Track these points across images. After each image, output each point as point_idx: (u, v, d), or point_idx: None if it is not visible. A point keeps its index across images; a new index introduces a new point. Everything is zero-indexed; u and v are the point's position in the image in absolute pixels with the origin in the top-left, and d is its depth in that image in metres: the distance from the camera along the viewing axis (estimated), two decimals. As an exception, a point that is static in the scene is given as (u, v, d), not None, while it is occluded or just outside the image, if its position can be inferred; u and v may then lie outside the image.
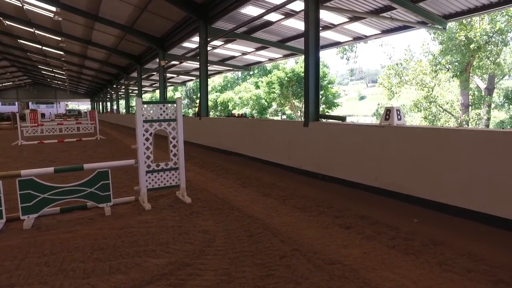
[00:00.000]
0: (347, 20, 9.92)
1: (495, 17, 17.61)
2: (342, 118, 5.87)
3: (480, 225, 3.50)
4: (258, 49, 14.42)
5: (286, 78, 27.37)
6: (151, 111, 4.45)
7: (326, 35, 11.42)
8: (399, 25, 9.87)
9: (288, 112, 31.87)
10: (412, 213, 3.96)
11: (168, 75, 23.49)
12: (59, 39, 18.74)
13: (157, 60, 15.99)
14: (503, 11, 17.35)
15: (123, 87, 28.57)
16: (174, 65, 19.54)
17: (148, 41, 15.11)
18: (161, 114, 4.51)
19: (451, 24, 19.18)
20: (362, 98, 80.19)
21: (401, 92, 22.66)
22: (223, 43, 13.64)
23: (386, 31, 10.70)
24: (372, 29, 10.67)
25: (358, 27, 10.59)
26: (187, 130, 11.86)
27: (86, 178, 3.99)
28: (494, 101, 20.19)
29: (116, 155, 9.03)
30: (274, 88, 28.22)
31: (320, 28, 10.62)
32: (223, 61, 17.60)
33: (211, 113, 37.72)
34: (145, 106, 4.43)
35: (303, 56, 7.49)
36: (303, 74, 27.28)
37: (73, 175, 5.57)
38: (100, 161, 4.92)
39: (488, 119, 20.34)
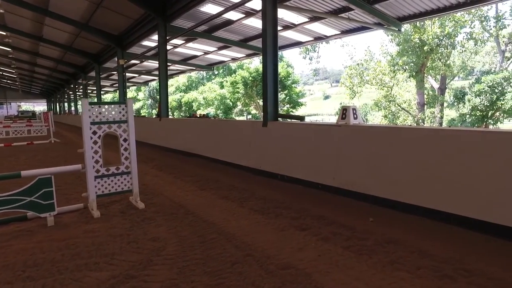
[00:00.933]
0: (307, 20, 10.01)
1: (444, 22, 18.64)
2: (301, 118, 5.87)
3: (432, 222, 3.59)
4: (220, 48, 14.23)
5: (251, 78, 27.39)
6: (99, 113, 4.17)
7: (287, 35, 11.48)
8: (357, 25, 10.10)
9: (254, 112, 31.93)
10: (369, 211, 4.00)
11: (129, 74, 22.66)
12: (4, 33, 17.40)
13: (116, 59, 15.32)
14: (450, 16, 18.40)
15: (81, 87, 27.20)
16: (134, 64, 18.86)
17: (106, 39, 14.43)
18: (110, 116, 4.25)
19: (406, 27, 20.07)
20: (326, 97, 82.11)
21: (363, 91, 23.40)
22: (184, 42, 13.32)
23: (346, 32, 10.92)
24: (332, 29, 10.85)
25: (319, 27, 10.72)
26: (147, 131, 11.53)
27: (25, 186, 3.66)
28: (446, 100, 21.37)
29: (69, 159, 8.49)
30: (238, 88, 28.09)
31: (281, 28, 10.77)
32: (185, 60, 17.23)
33: (175, 113, 36.95)
34: (93, 107, 4.14)
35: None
36: (267, 74, 27.75)
37: (16, 183, 5.12)
38: (51, 166, 4.54)
39: (441, 117, 21.52)
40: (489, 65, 31.36)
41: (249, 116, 34.70)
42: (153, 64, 18.62)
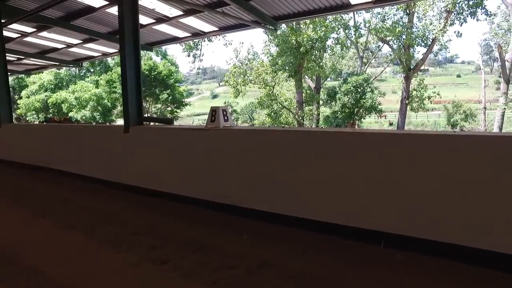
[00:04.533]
0: (182, 13, 9.22)
1: (316, 26, 20.26)
2: (170, 121, 5.12)
3: (317, 236, 3.28)
4: (86, 41, 12.26)
5: (129, 76, 24.83)
6: None
7: (162, 29, 10.49)
8: (235, 22, 9.82)
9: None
10: (244, 227, 3.51)
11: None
12: None
13: None
14: (321, 22, 20.11)
15: None
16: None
17: None
18: None
19: (285, 29, 21.17)
20: (215, 96, 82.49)
21: (247, 90, 23.82)
22: (35, 30, 10.98)
23: (224, 28, 10.54)
24: (210, 25, 10.32)
25: (196, 22, 10.06)
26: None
27: None
28: (322, 99, 23.40)
29: None
30: (115, 87, 25.28)
31: (154, 21, 9.73)
32: (44, 53, 14.44)
33: (40, 116, 31.42)
34: None
35: (147, 52, 6.40)
36: (147, 72, 25.79)
37: None
38: None
39: (318, 114, 23.49)
40: (352, 68, 35.89)
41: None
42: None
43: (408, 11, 20.42)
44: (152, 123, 5.74)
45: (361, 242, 2.97)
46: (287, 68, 21.46)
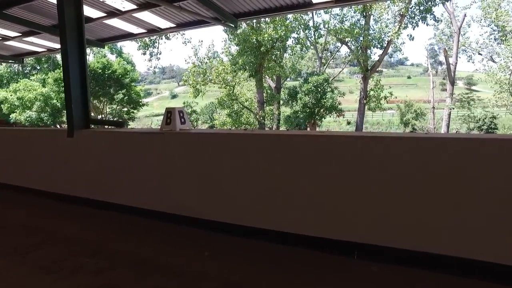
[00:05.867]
0: (136, 7, 8.60)
1: (277, 26, 20.21)
2: (120, 124, 4.62)
3: (282, 247, 3.01)
4: (26, 34, 11.10)
5: (81, 74, 23.11)
6: None
7: (115, 24, 9.74)
8: (194, 19, 9.37)
9: (92, 114, 27.51)
10: (205, 242, 3.16)
11: None
12: None
13: None
14: (281, 21, 20.10)
15: None
16: None
17: None
18: None
19: (245, 27, 20.91)
20: (174, 96, 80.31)
21: (207, 90, 23.24)
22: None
23: (182, 25, 10.03)
24: (166, 21, 9.75)
25: (151, 18, 9.45)
26: None
27: None
28: (283, 98, 23.43)
29: None
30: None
31: (105, 14, 9.00)
32: (-26, 47, 12.96)
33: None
34: None
35: (97, 48, 5.82)
36: (100, 70, 24.26)
37: None
38: None
39: (279, 114, 23.51)
40: (312, 68, 36.54)
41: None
42: None
43: (365, 14, 21.03)
44: (102, 126, 5.19)
45: (332, 253, 2.76)
46: (247, 67, 21.18)
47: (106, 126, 5.14)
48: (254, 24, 21.12)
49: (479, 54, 28.18)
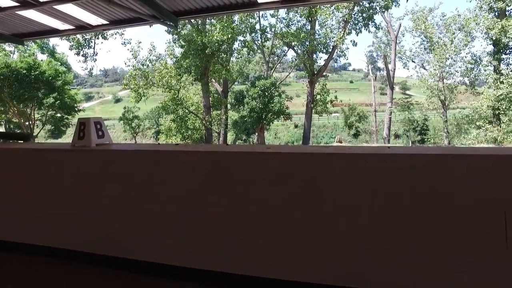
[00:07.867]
0: (57, -3, 7.49)
1: (223, 28, 19.59)
2: (25, 137, 3.69)
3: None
4: None
5: None
6: None
7: (33, 17, 8.44)
8: (129, 15, 8.47)
9: (15, 120, 24.46)
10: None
11: None
12: None
13: None
14: (228, 24, 19.57)
15: None
16: None
17: None
18: None
19: (189, 29, 20.03)
20: (118, 100, 75.93)
21: (149, 94, 21.87)
22: None
23: (116, 22, 9.03)
24: (97, 17, 8.69)
25: (78, 12, 8.33)
26: None
27: None
28: (230, 103, 22.87)
29: None
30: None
31: (17, 4, 7.75)
32: None
33: None
34: None
35: (24, 47, 4.76)
36: (25, 71, 21.66)
37: None
38: None
39: (226, 118, 22.91)
40: (259, 72, 36.50)
41: (12, 126, 26.53)
42: None
43: (310, 19, 21.27)
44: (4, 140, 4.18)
45: None
46: (192, 70, 20.26)
47: (9, 141, 4.15)
48: (199, 24, 20.35)
49: (413, 61, 30.38)
